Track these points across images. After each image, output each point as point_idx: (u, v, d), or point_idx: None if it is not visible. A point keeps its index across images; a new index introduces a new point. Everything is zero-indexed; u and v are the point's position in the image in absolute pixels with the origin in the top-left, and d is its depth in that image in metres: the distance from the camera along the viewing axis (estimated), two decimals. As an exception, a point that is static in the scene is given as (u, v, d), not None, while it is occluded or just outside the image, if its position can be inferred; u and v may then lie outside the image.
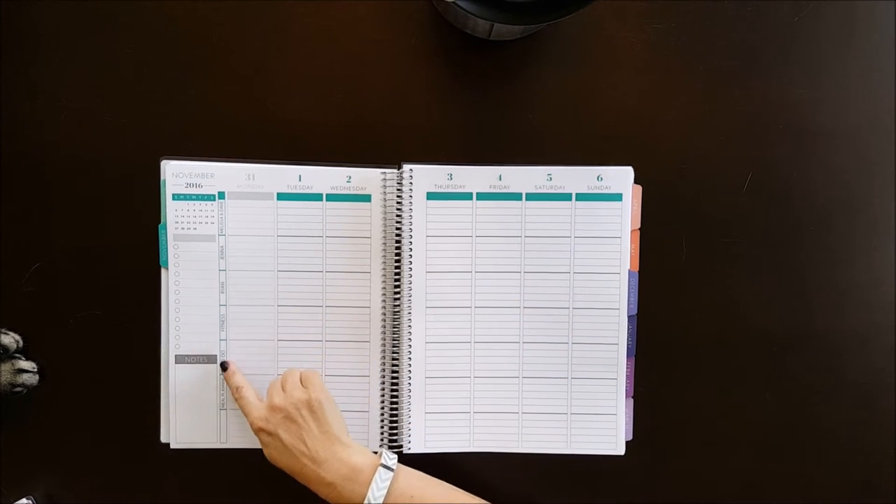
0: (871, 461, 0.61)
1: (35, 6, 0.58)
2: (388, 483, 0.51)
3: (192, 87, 0.59)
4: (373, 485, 0.51)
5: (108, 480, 0.60)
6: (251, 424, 0.54)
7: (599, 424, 0.60)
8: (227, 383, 0.58)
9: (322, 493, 0.52)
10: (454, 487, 0.55)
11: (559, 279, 0.59)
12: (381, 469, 0.52)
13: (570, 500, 0.61)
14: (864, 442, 0.61)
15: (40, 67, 0.58)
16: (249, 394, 0.56)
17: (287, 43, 0.59)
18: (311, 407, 0.53)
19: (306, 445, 0.52)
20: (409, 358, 0.59)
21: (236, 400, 0.56)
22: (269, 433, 0.53)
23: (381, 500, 0.51)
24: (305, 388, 0.54)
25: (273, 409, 0.53)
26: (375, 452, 0.54)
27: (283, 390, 0.54)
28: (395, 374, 0.59)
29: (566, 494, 0.61)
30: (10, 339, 0.58)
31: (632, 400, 0.60)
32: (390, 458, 0.53)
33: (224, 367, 0.58)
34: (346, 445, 0.53)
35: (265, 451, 0.54)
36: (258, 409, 0.54)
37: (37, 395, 0.59)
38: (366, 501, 0.51)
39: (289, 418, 0.52)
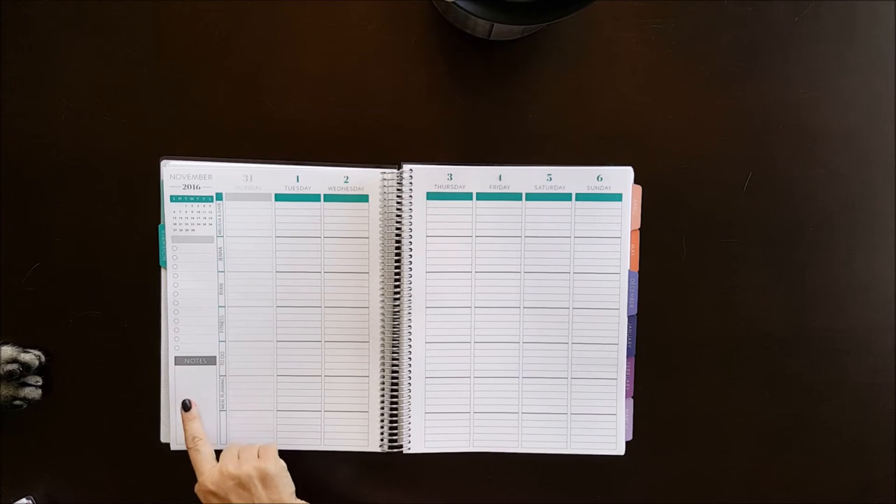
0: (871, 461, 0.61)
1: (35, 6, 0.58)
2: None
3: (192, 87, 0.59)
4: None
5: (108, 480, 0.60)
6: (200, 483, 0.54)
7: (599, 424, 0.60)
8: (184, 427, 0.57)
9: None
10: None
11: (559, 279, 0.59)
12: None
13: (570, 500, 0.61)
14: (864, 442, 0.61)
15: (40, 67, 0.58)
16: (206, 448, 0.56)
17: (287, 43, 0.58)
18: (265, 478, 0.53)
19: None
20: (409, 358, 0.59)
21: (189, 450, 0.56)
22: (220, 498, 0.53)
23: None
24: (261, 458, 0.54)
25: (225, 474, 0.53)
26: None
27: (238, 458, 0.54)
28: (394, 375, 0.59)
29: (566, 494, 0.61)
30: (32, 357, 0.58)
31: (632, 400, 0.60)
32: None
33: (186, 406, 0.57)
34: None
35: None
36: (210, 471, 0.54)
37: (37, 395, 0.59)
38: None
39: (241, 485, 0.52)
